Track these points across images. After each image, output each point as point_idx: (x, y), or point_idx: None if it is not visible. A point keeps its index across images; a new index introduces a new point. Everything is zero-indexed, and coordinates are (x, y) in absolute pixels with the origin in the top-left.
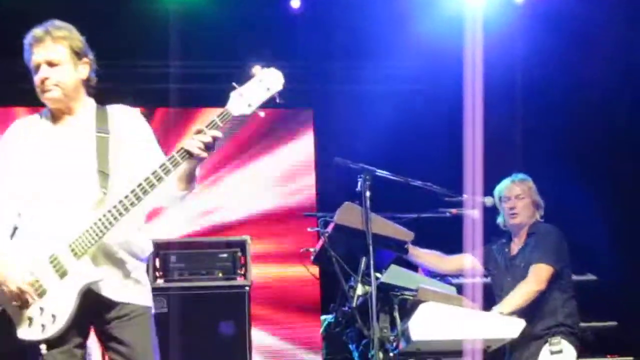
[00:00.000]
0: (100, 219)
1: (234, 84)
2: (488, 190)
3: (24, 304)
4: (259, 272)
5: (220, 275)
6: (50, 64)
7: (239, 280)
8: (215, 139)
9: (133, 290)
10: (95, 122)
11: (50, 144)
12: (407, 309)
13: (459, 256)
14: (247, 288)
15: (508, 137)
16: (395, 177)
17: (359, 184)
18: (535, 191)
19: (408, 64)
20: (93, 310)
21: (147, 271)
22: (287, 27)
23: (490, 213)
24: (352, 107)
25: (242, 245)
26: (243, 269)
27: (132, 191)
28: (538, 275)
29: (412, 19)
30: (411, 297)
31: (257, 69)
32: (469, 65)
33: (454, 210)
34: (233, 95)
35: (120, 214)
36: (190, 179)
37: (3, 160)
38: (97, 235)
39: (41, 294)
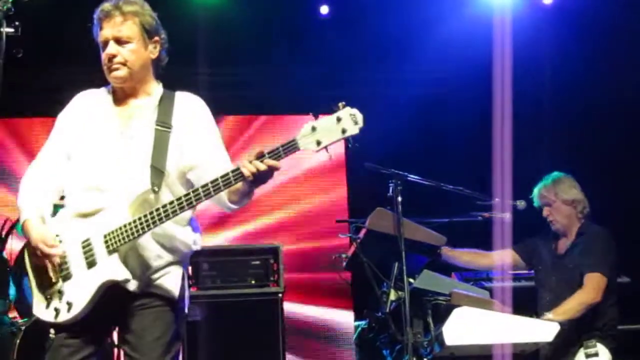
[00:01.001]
0: (140, 218)
1: (311, 113)
2: (518, 193)
3: (47, 278)
4: (291, 280)
5: (253, 282)
6: (119, 41)
7: (272, 287)
8: (272, 169)
9: (161, 283)
10: (158, 112)
11: (107, 125)
12: (441, 313)
13: (500, 251)
14: (280, 295)
15: (537, 139)
16: (427, 182)
17: (390, 189)
18: (565, 189)
19: (437, 68)
20: (116, 303)
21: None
22: (315, 33)
23: (521, 216)
24: (382, 112)
25: (274, 252)
26: (275, 275)
27: (179, 199)
28: (595, 286)
29: (439, 23)
30: (444, 302)
31: (341, 105)
32: (498, 68)
33: (485, 214)
34: (305, 127)
35: (161, 219)
36: (243, 195)
37: (58, 135)
38: (133, 233)
39: (66, 277)
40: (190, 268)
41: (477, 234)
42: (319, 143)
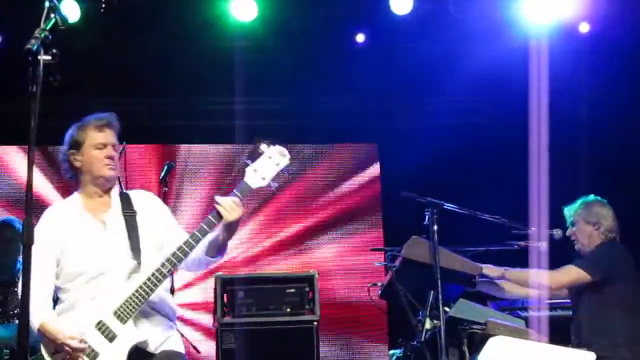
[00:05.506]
0: (141, 287)
1: (245, 160)
2: (554, 222)
3: None
4: (326, 307)
5: (288, 310)
6: (113, 147)
7: (307, 316)
8: (236, 207)
9: (172, 343)
10: (120, 203)
11: (87, 228)
12: (476, 342)
13: None
14: (315, 323)
15: (573, 168)
16: (462, 210)
17: (426, 217)
18: (591, 211)
19: (473, 98)
20: None
21: (215, 308)
22: (351, 62)
23: (558, 245)
24: (418, 141)
25: (309, 280)
26: (311, 304)
27: (168, 260)
28: (563, 273)
29: (475, 53)
30: (480, 331)
31: (264, 147)
32: (534, 96)
33: (521, 243)
34: (248, 170)
35: (159, 280)
36: (221, 248)
37: (44, 247)
38: (140, 301)
39: (94, 357)
40: (225, 296)
41: (513, 263)
42: (264, 179)
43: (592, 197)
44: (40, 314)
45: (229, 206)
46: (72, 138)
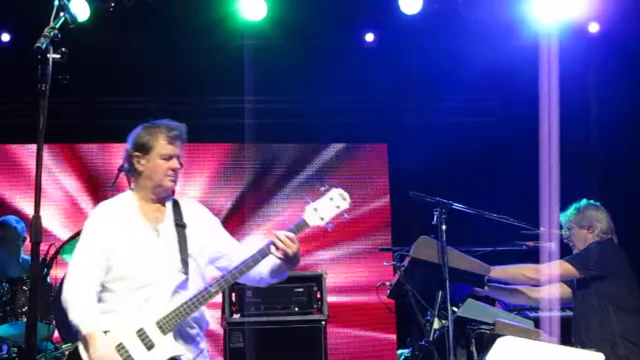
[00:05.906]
0: (187, 303)
1: (307, 198)
2: None
3: None
4: (334, 307)
5: (296, 309)
6: (179, 159)
7: (315, 315)
8: (292, 242)
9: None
10: (173, 213)
11: (142, 233)
12: (484, 342)
13: (550, 285)
14: (323, 322)
15: (584, 168)
16: (471, 210)
17: (435, 217)
18: (585, 215)
19: (481, 97)
20: None
21: (223, 306)
22: (361, 61)
23: (567, 245)
24: (427, 140)
25: (317, 280)
26: (319, 303)
27: (217, 282)
28: (549, 267)
29: (485, 52)
30: (488, 331)
31: (326, 187)
32: (544, 96)
33: (530, 243)
34: (308, 208)
35: (206, 299)
36: (281, 275)
37: (96, 243)
38: (183, 316)
39: None
40: (234, 295)
41: (522, 263)
42: (322, 219)
43: (584, 201)
44: (90, 322)
45: (285, 241)
46: (140, 140)
